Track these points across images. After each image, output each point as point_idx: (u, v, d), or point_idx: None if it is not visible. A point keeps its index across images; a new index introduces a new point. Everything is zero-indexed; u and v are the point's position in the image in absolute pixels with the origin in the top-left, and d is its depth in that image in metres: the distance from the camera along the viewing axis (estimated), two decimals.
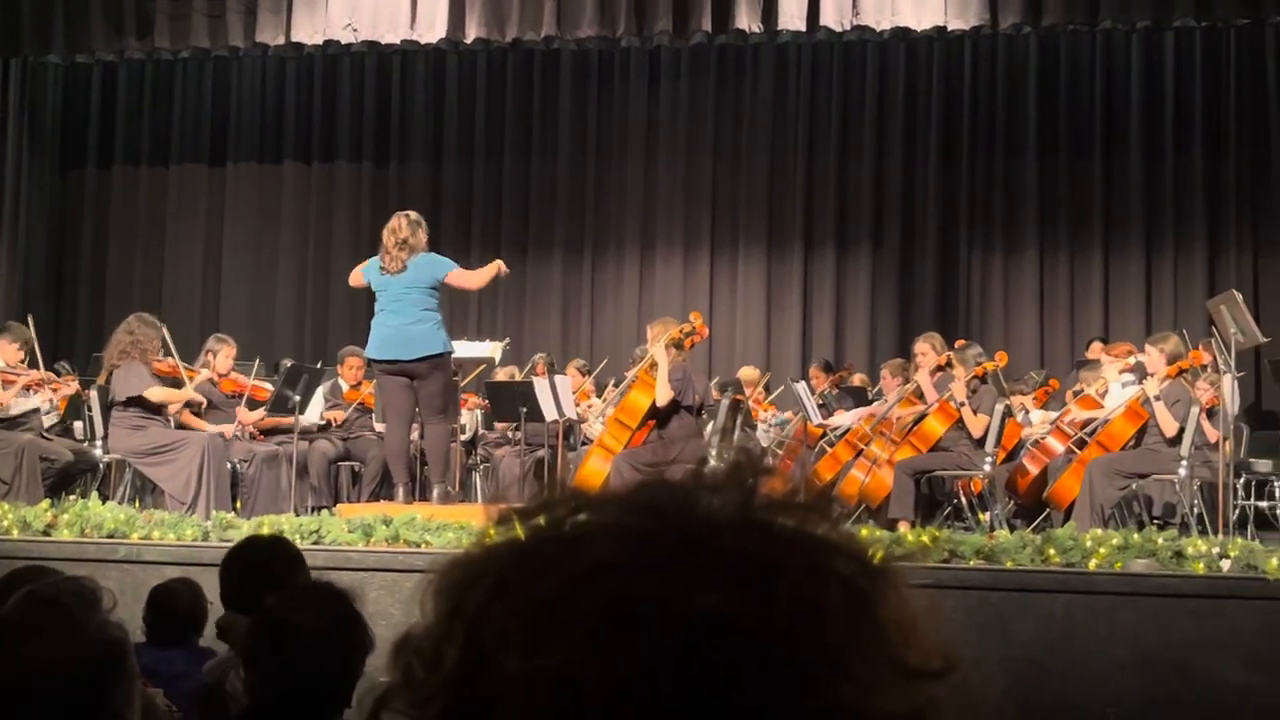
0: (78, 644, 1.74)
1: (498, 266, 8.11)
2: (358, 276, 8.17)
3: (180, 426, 8.46)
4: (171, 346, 8.56)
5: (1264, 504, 9.15)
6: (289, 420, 8.64)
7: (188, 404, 8.49)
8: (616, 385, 9.64)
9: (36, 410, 8.56)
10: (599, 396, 10.16)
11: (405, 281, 7.78)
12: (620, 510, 0.66)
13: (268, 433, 9.13)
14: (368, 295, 12.82)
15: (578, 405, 9.45)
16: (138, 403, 8.11)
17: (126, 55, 11.80)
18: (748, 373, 11.11)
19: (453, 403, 8.27)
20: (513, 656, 0.62)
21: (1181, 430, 7.81)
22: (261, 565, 3.62)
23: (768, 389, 11.23)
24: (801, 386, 9.51)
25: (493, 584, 0.65)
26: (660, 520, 0.65)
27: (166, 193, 13.57)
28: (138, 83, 13.59)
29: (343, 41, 10.82)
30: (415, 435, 8.32)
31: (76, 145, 13.51)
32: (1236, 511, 8.14)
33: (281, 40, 10.75)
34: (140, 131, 13.58)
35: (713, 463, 0.70)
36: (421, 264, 7.82)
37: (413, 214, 8.00)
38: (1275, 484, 9.18)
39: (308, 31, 10.66)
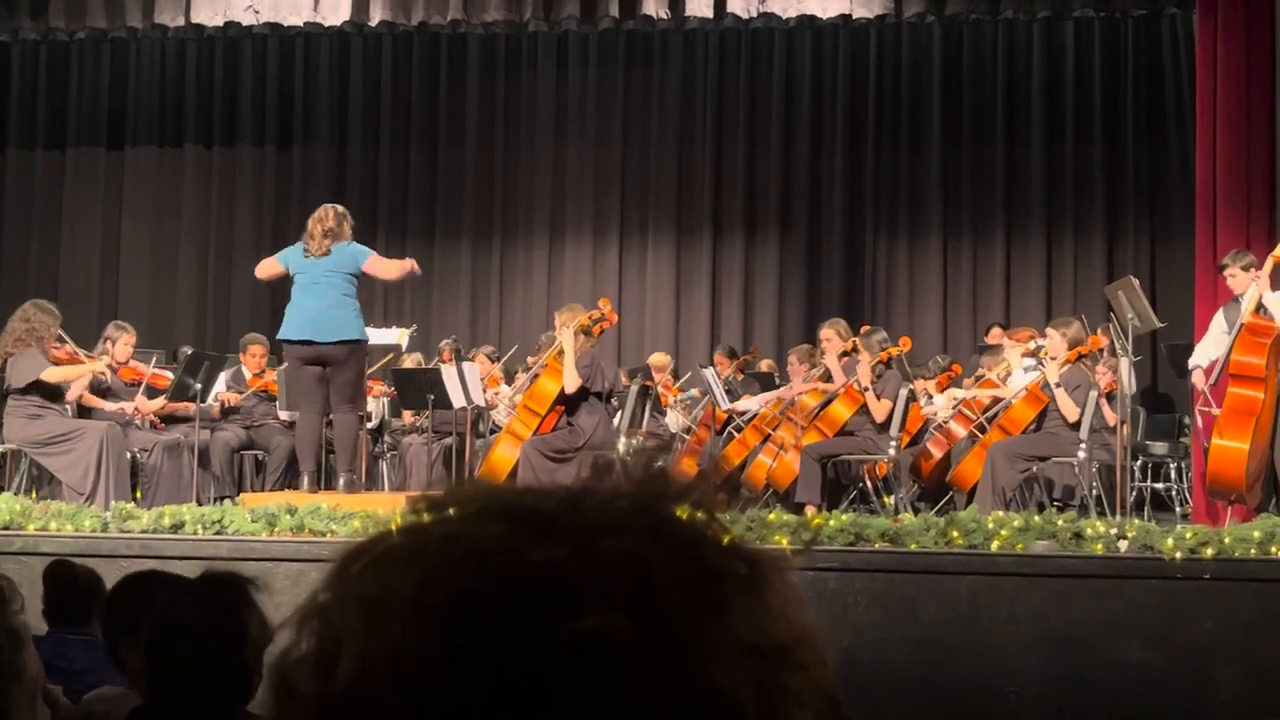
0: None
1: (411, 265, 8.10)
2: (269, 266, 8.04)
3: (82, 409, 8.29)
4: (64, 335, 8.38)
5: (1160, 486, 9.37)
6: (190, 407, 8.50)
7: (92, 385, 8.33)
8: (526, 372, 9.60)
9: None
10: (509, 384, 10.12)
11: (327, 265, 7.75)
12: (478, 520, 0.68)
13: (169, 421, 8.98)
14: (272, 282, 12.59)
15: (486, 391, 9.40)
16: (35, 390, 7.93)
17: (20, 36, 11.48)
18: (657, 359, 11.13)
19: (361, 391, 8.21)
20: (351, 646, 0.64)
21: (1081, 414, 7.96)
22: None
23: (676, 374, 11.27)
24: (709, 372, 9.55)
25: (337, 581, 0.67)
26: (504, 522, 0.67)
27: (63, 177, 13.27)
28: (32, 64, 13.26)
29: (244, 23, 10.63)
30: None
31: None
32: (1134, 493, 8.33)
33: (181, 22, 10.54)
34: (35, 114, 13.26)
35: (621, 449, 0.71)
36: (345, 250, 7.82)
37: (339, 207, 8.02)
38: (1171, 466, 9.40)
39: (208, 13, 10.46)
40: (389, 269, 8.07)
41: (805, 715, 0.66)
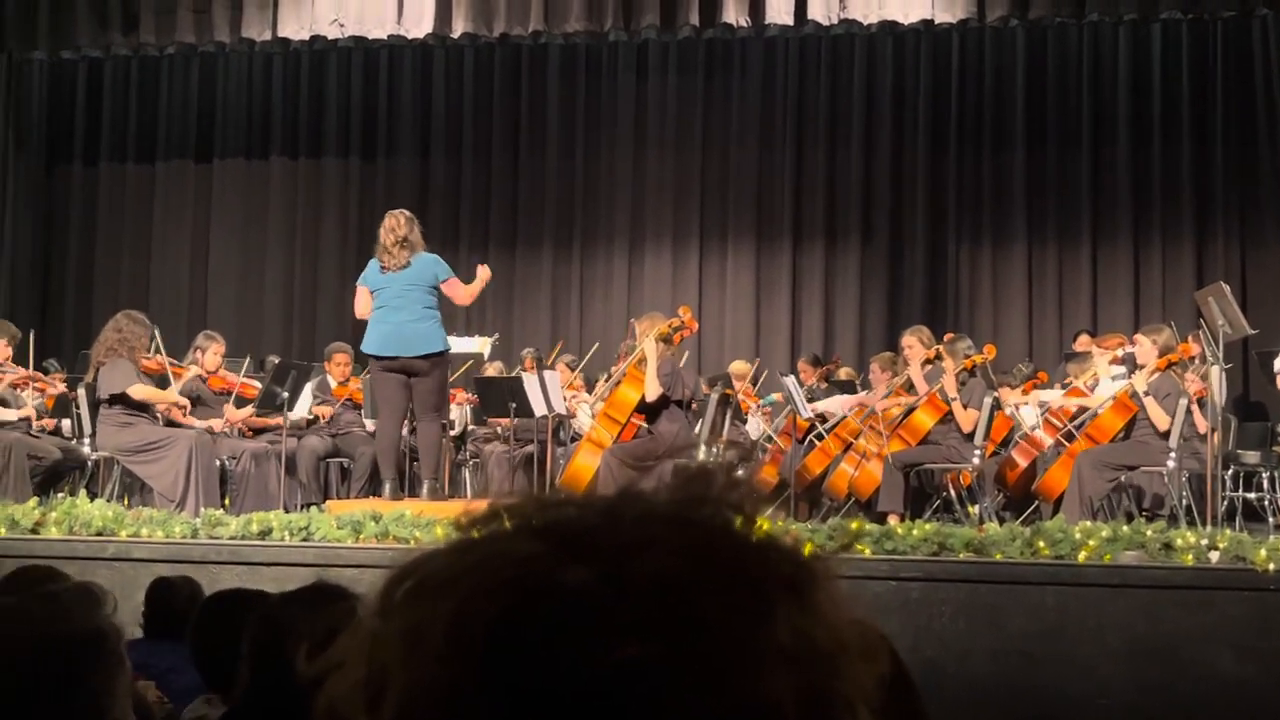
0: (59, 632, 1.80)
1: (486, 277, 8.13)
2: (363, 300, 7.97)
3: (169, 423, 8.43)
4: (159, 344, 8.54)
5: (1252, 495, 9.17)
6: (277, 420, 8.62)
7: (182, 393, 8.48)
8: (606, 380, 9.63)
9: (26, 416, 8.54)
10: (589, 392, 10.15)
11: (407, 279, 7.79)
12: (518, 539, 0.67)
13: (257, 430, 9.11)
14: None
15: (566, 398, 9.43)
16: (124, 400, 8.08)
17: (112, 51, 11.76)
18: (738, 366, 11.10)
19: (444, 400, 8.27)
20: (395, 679, 0.64)
21: (1171, 422, 7.82)
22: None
23: (756, 382, 11.23)
24: (790, 380, 9.51)
25: (382, 608, 0.68)
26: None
27: (153, 190, 13.53)
28: (124, 79, 13.54)
29: (329, 37, 10.80)
30: (405, 431, 8.32)
31: (63, 142, 13.46)
32: (1225, 503, 8.17)
33: (268, 36, 10.73)
34: (126, 128, 13.54)
35: (701, 456, 0.70)
36: (425, 262, 7.85)
37: (406, 212, 8.04)
38: (1263, 475, 9.21)
39: (294, 27, 10.63)
40: (465, 293, 8.07)
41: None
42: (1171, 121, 12.21)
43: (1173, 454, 7.76)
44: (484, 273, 8.17)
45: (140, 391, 8.13)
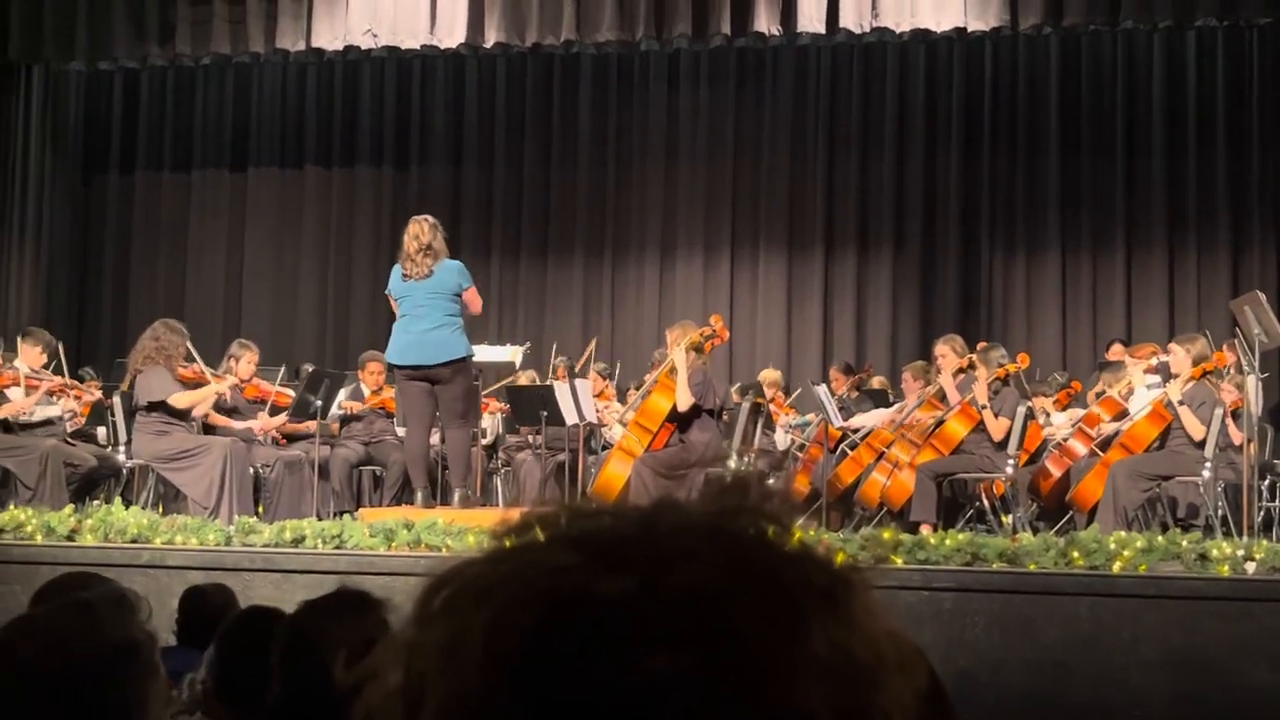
0: (92, 641, 1.81)
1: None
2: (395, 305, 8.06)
3: (208, 428, 8.49)
4: (194, 353, 8.59)
5: None
6: (311, 425, 8.67)
7: (216, 403, 8.54)
8: (638, 389, 9.63)
9: (60, 416, 8.61)
10: (620, 401, 10.16)
11: (430, 287, 7.79)
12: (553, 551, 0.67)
13: (290, 437, 9.16)
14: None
15: (597, 407, 9.44)
16: (161, 408, 8.14)
17: (149, 62, 11.86)
18: (769, 375, 11.08)
19: (473, 407, 8.28)
20: (432, 689, 0.64)
21: (1206, 432, 7.77)
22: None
23: (788, 391, 11.21)
24: (822, 389, 9.48)
25: (420, 615, 0.68)
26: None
27: (189, 198, 13.63)
28: (160, 89, 13.65)
29: (363, 47, 10.86)
30: (435, 440, 8.34)
31: (99, 151, 13.57)
32: (1261, 513, 8.10)
33: (302, 46, 10.80)
34: (162, 137, 13.64)
35: (732, 465, 0.70)
36: (448, 270, 7.85)
37: (430, 218, 8.04)
38: None
39: (328, 37, 10.70)
40: (477, 306, 8.08)
41: None
42: (1207, 129, 12.13)
43: (1208, 464, 7.70)
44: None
45: (182, 400, 8.19)
